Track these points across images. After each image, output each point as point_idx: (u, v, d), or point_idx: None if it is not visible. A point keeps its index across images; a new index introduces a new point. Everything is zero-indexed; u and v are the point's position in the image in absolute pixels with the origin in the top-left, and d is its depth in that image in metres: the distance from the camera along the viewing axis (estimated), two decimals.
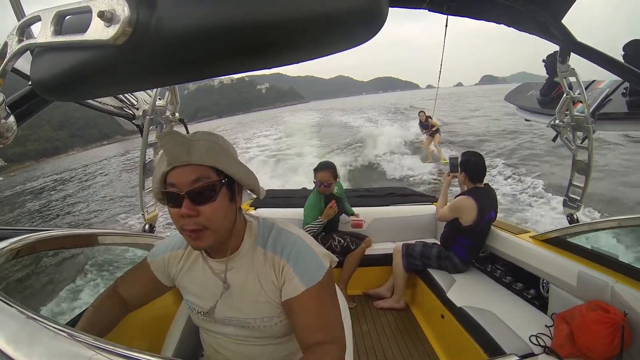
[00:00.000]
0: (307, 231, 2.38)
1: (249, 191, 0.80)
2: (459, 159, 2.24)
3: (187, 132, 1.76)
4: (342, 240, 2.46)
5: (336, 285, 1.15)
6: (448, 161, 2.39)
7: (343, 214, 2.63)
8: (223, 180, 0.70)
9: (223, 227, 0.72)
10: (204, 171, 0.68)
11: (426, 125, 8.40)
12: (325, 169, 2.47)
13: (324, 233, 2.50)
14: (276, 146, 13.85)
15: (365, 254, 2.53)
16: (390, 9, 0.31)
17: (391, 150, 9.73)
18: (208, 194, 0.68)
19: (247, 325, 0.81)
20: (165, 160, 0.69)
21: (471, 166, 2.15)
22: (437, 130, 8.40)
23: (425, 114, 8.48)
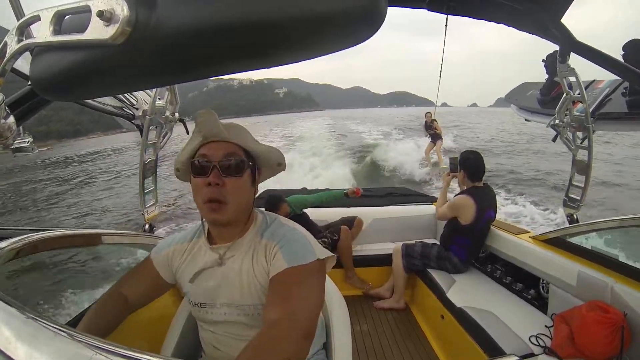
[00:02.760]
0: None
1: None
2: (458, 159, 2.24)
3: (187, 132, 1.78)
4: (326, 239, 2.48)
5: (335, 285, 1.16)
6: (448, 166, 2.40)
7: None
8: (249, 162, 0.79)
9: (241, 205, 0.78)
10: (235, 148, 0.77)
11: (430, 126, 8.47)
12: (278, 206, 2.37)
13: None
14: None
15: (365, 254, 2.53)
16: (391, 10, 0.32)
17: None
18: (236, 169, 0.75)
19: (243, 312, 0.81)
20: (200, 135, 0.77)
21: (470, 164, 2.16)
22: (440, 137, 8.44)
23: (431, 115, 8.54)
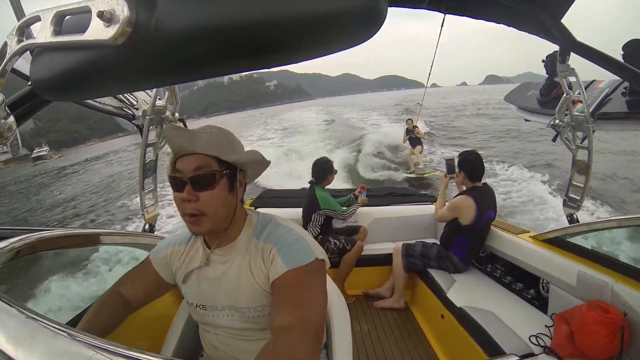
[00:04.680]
0: (346, 215, 2.52)
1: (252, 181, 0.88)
2: (456, 160, 2.24)
3: None
4: (338, 242, 2.47)
5: (334, 284, 1.16)
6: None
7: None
8: (224, 171, 0.75)
9: (220, 215, 0.76)
10: (205, 160, 0.74)
11: (412, 131, 8.36)
12: (327, 176, 2.56)
13: (321, 236, 2.51)
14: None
15: (365, 254, 2.53)
16: (389, 8, 0.32)
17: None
18: (208, 182, 0.73)
19: (243, 315, 0.82)
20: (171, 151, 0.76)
21: (469, 165, 2.15)
22: (420, 142, 8.31)
23: (412, 122, 8.44)
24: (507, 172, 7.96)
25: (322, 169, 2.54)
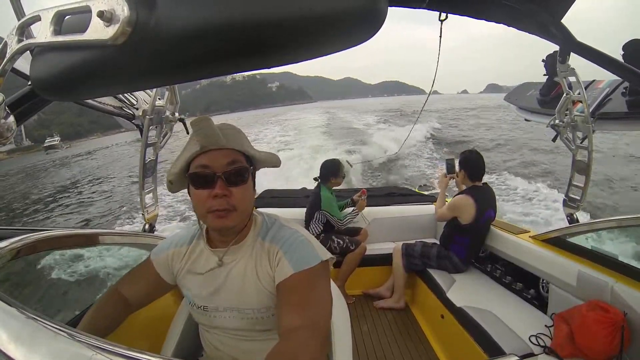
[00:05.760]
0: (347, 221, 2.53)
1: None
2: (456, 160, 2.24)
3: (188, 132, 1.77)
4: (342, 242, 2.46)
5: (335, 284, 1.16)
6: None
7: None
8: (250, 167, 0.78)
9: (248, 210, 0.78)
10: (236, 155, 0.75)
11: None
12: (337, 174, 2.56)
13: (323, 234, 2.50)
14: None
15: (365, 254, 2.53)
16: (390, 8, 0.31)
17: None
18: (241, 177, 0.74)
19: (246, 316, 0.81)
20: (197, 143, 0.73)
21: (471, 164, 2.15)
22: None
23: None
24: None
25: (327, 171, 2.54)
